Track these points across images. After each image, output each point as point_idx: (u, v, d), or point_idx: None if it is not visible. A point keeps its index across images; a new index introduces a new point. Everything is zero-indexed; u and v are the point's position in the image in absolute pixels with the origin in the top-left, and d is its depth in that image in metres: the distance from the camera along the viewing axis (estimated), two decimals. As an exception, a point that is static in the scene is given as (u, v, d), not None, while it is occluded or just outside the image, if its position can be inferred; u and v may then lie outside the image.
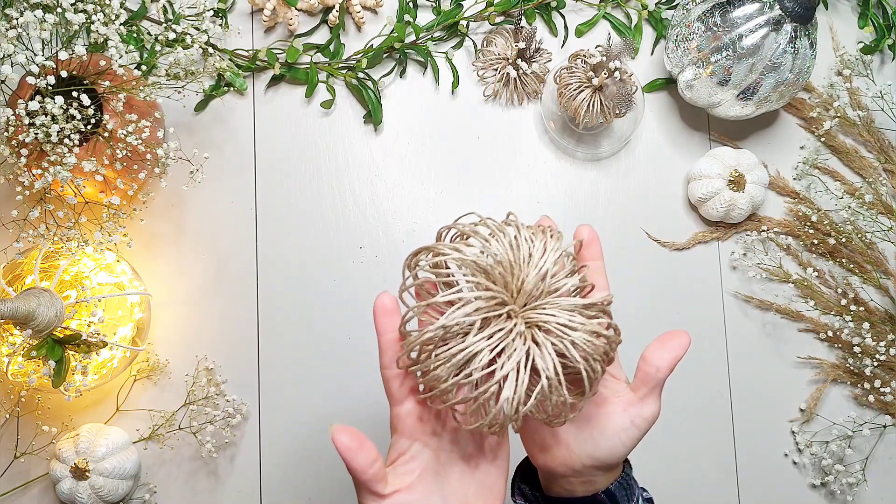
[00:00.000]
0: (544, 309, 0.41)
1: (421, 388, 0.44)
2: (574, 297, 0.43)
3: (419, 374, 0.43)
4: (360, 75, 0.82)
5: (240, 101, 0.82)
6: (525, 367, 0.40)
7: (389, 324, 0.44)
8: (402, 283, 0.44)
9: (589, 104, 0.75)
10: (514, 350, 0.40)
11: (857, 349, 0.79)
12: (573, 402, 0.42)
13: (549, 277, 0.42)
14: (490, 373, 0.40)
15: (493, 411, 0.41)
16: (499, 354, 0.40)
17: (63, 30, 0.66)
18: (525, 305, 0.41)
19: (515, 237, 0.42)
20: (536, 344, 0.41)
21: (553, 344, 0.41)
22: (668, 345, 0.46)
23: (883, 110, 0.85)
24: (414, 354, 0.43)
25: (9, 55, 0.60)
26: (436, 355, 0.41)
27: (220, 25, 0.81)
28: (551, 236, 0.43)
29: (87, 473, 0.70)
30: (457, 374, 0.40)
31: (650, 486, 0.79)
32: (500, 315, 0.41)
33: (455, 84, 0.83)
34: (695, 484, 0.79)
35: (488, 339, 0.40)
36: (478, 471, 0.46)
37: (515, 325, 0.41)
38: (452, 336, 0.40)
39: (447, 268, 0.43)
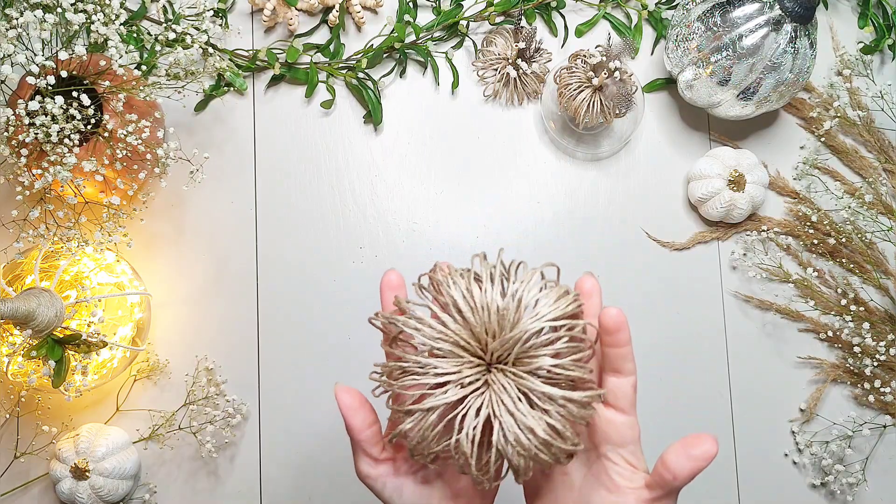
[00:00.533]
0: (505, 375, 0.38)
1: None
2: (550, 350, 0.39)
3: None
4: (360, 75, 0.82)
5: (240, 101, 0.82)
6: (476, 441, 0.38)
7: (392, 298, 0.44)
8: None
9: (589, 104, 0.75)
10: (449, 394, 0.38)
11: (857, 349, 0.79)
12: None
13: (527, 344, 0.38)
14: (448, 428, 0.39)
15: (395, 431, 0.40)
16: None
17: (63, 30, 0.66)
18: (498, 360, 0.39)
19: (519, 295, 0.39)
20: (484, 403, 0.38)
21: (491, 418, 0.38)
22: (692, 453, 0.41)
23: (883, 110, 0.85)
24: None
25: (9, 55, 0.60)
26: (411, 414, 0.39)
27: (220, 25, 0.81)
28: (560, 304, 0.39)
29: (87, 473, 0.70)
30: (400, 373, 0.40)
31: (650, 486, 0.79)
32: (474, 369, 0.39)
33: (455, 84, 0.83)
34: (695, 484, 0.79)
35: (436, 374, 0.39)
36: None
37: (474, 380, 0.39)
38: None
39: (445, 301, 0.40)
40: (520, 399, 0.38)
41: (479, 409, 0.38)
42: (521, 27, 0.81)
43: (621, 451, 0.43)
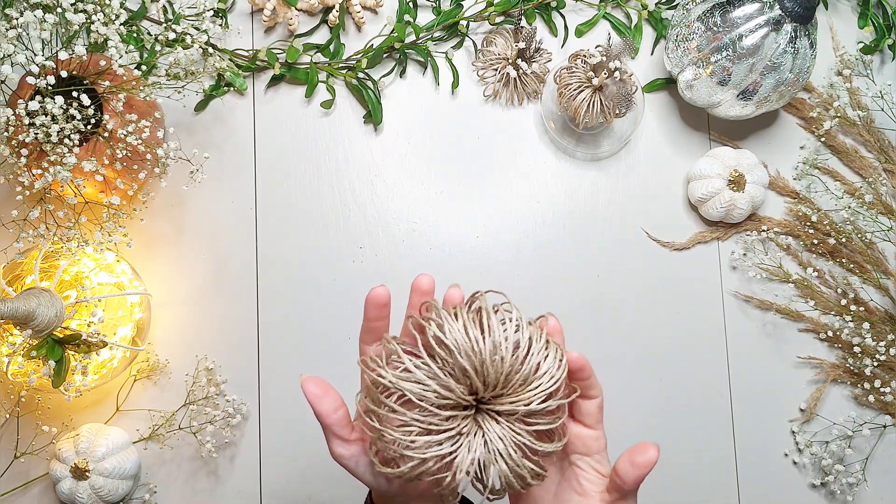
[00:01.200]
0: (498, 425, 0.42)
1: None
2: (536, 428, 0.43)
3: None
4: (360, 75, 0.82)
5: (240, 101, 0.82)
6: (439, 461, 0.41)
7: (375, 312, 0.48)
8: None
9: (589, 104, 0.75)
10: (443, 442, 0.41)
11: (857, 349, 0.79)
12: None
13: (528, 413, 0.42)
14: (409, 441, 0.41)
15: (392, 471, 0.43)
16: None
17: (63, 30, 0.66)
18: (491, 408, 0.42)
19: (525, 354, 0.42)
20: (469, 448, 0.42)
21: (481, 457, 0.42)
22: (636, 460, 0.47)
23: (883, 110, 0.85)
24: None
25: (9, 55, 0.60)
26: (382, 397, 0.42)
27: (220, 25, 0.81)
28: (557, 369, 0.43)
29: (87, 473, 0.70)
30: (389, 416, 0.42)
31: (650, 486, 0.79)
32: (455, 405, 0.42)
33: (455, 84, 0.83)
34: (695, 484, 0.79)
35: (430, 422, 0.41)
36: None
37: (462, 424, 0.42)
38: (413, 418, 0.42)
39: (442, 343, 0.42)
40: (515, 449, 0.42)
41: (474, 455, 0.42)
42: (521, 27, 0.81)
43: (589, 460, 0.49)
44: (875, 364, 0.79)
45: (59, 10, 0.63)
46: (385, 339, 0.45)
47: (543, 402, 0.42)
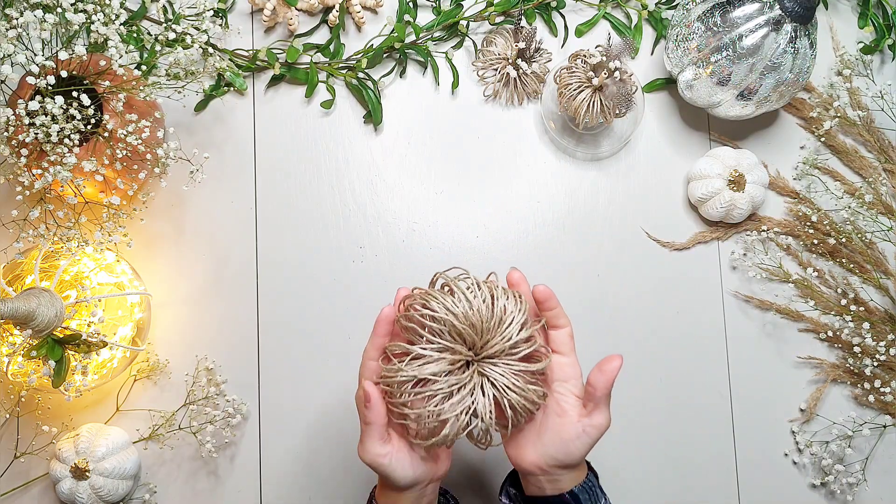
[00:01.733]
0: (496, 367, 0.53)
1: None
2: (522, 354, 0.54)
3: (388, 395, 0.54)
4: (360, 75, 0.82)
5: (240, 101, 0.82)
6: (467, 412, 0.52)
7: (386, 328, 0.56)
8: (399, 310, 0.56)
9: (589, 104, 0.75)
10: (463, 397, 0.52)
11: (857, 349, 0.79)
12: (501, 434, 0.56)
13: (511, 345, 0.53)
14: (446, 411, 0.52)
15: (437, 438, 0.53)
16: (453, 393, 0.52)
17: (63, 30, 0.66)
18: (484, 356, 0.53)
19: (491, 302, 0.53)
20: (483, 392, 0.53)
21: (494, 396, 0.53)
22: (604, 368, 0.55)
23: (883, 110, 0.85)
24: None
25: (9, 55, 0.60)
26: (405, 389, 0.53)
27: (220, 25, 0.81)
28: (519, 307, 0.54)
29: (87, 473, 0.70)
30: (416, 400, 0.53)
31: (650, 485, 0.79)
32: (460, 366, 0.53)
33: (455, 84, 0.83)
34: (695, 484, 0.79)
35: (448, 386, 0.52)
36: None
37: (470, 378, 0.53)
38: (428, 383, 0.52)
39: (432, 316, 0.53)
40: (515, 379, 0.53)
41: (489, 396, 0.53)
42: (521, 27, 0.81)
43: (568, 385, 0.57)
44: (875, 364, 0.79)
45: (59, 10, 0.63)
46: (388, 348, 0.55)
47: (519, 331, 0.53)
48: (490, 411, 0.52)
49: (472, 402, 0.52)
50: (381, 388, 0.54)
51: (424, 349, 0.52)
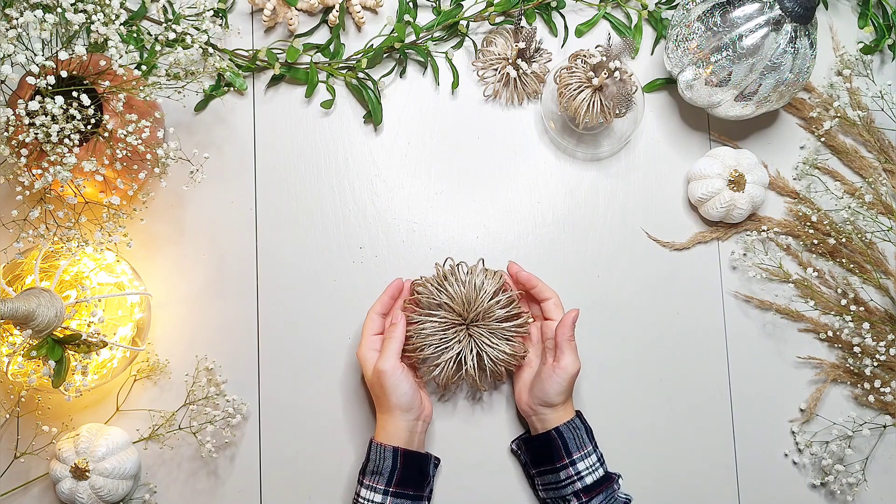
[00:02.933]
0: (479, 328, 0.73)
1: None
2: (505, 321, 0.73)
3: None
4: (360, 75, 0.82)
5: (240, 101, 0.82)
6: (454, 361, 0.72)
7: (394, 294, 0.75)
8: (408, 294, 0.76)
9: (589, 104, 0.75)
10: (452, 349, 0.72)
11: (857, 349, 0.79)
12: (494, 379, 0.77)
13: (491, 310, 0.73)
14: (436, 357, 0.72)
15: (435, 373, 0.73)
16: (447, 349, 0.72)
17: (63, 30, 0.66)
18: (471, 320, 0.72)
19: (480, 281, 0.73)
20: (469, 348, 0.72)
21: (478, 352, 0.72)
22: (562, 321, 0.71)
23: (883, 110, 0.85)
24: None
25: (9, 55, 0.60)
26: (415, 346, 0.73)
27: (220, 25, 0.81)
28: (492, 281, 0.73)
29: (87, 473, 0.70)
30: (423, 353, 0.73)
31: (651, 485, 0.79)
32: (455, 328, 0.73)
33: (455, 84, 0.83)
34: (695, 484, 0.79)
35: (441, 340, 0.72)
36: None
37: (461, 337, 0.72)
38: (426, 336, 0.73)
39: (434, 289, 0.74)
40: (498, 340, 0.73)
41: (473, 349, 0.72)
42: (521, 27, 0.81)
43: (553, 341, 0.72)
44: (875, 364, 0.79)
45: (59, 10, 0.63)
46: (405, 315, 0.74)
47: (492, 298, 0.72)
48: (473, 359, 0.72)
49: (460, 352, 0.72)
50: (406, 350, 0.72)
51: (430, 314, 0.73)
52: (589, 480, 0.71)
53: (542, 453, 0.73)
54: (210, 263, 0.80)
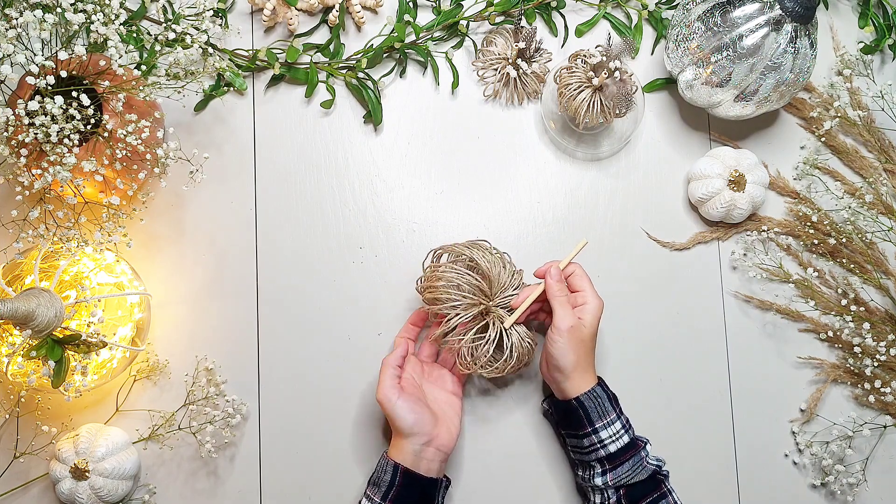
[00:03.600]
0: (500, 310, 0.72)
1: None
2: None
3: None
4: (360, 75, 0.82)
5: (240, 101, 0.82)
6: (472, 342, 0.72)
7: (419, 321, 0.77)
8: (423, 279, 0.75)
9: (589, 104, 0.75)
10: (476, 329, 0.71)
11: (857, 349, 0.79)
12: (499, 366, 0.73)
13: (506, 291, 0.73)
14: (461, 340, 0.72)
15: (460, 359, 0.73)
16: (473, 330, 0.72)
17: (63, 30, 0.66)
18: (496, 304, 0.72)
19: (502, 267, 0.73)
20: (493, 326, 0.71)
21: (502, 330, 0.72)
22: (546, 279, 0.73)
23: (883, 110, 0.85)
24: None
25: (9, 55, 0.60)
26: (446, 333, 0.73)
27: (220, 25, 0.81)
28: (507, 267, 0.74)
29: (86, 474, 0.70)
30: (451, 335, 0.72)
31: (650, 487, 0.79)
32: (479, 312, 0.72)
33: (455, 84, 0.83)
34: (695, 483, 0.79)
35: (469, 329, 0.71)
36: (443, 389, 0.75)
37: (482, 319, 0.72)
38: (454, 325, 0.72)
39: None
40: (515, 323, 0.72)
41: (497, 329, 0.71)
42: (521, 27, 0.81)
43: (582, 308, 0.72)
44: (875, 364, 0.79)
45: (58, 10, 0.63)
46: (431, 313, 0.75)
47: (508, 281, 0.73)
48: (493, 337, 0.71)
49: (486, 330, 0.71)
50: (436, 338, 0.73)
51: (455, 302, 0.71)
52: (612, 448, 0.70)
53: (565, 419, 0.73)
54: (210, 263, 0.80)
